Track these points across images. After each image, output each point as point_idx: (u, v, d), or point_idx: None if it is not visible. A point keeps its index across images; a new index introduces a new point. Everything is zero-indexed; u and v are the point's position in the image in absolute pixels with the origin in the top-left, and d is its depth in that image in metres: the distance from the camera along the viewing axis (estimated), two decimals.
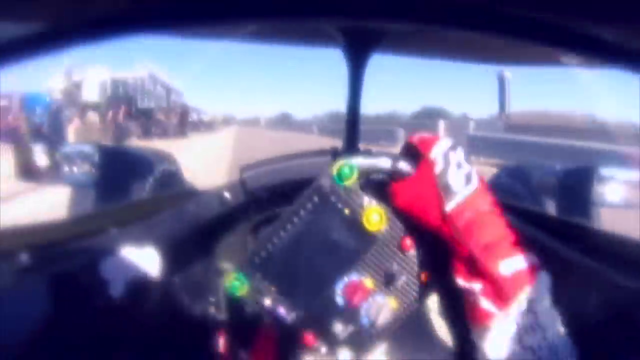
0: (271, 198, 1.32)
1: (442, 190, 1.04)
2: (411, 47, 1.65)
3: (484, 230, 1.03)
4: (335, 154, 1.35)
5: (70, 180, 1.38)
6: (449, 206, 1.03)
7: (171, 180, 1.49)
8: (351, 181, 1.14)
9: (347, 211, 1.15)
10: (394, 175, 1.15)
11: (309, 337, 1.18)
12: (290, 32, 1.52)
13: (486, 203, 1.05)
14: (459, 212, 1.03)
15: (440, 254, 1.16)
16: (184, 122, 21.77)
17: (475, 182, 1.05)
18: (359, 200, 1.15)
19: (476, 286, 1.02)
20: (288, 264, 1.18)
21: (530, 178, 1.51)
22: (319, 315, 1.19)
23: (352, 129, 1.50)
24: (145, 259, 1.08)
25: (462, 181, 1.04)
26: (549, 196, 1.37)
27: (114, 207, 1.31)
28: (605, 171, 1.33)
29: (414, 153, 1.12)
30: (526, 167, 1.83)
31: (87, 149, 1.44)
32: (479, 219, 1.03)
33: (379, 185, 1.18)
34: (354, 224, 1.16)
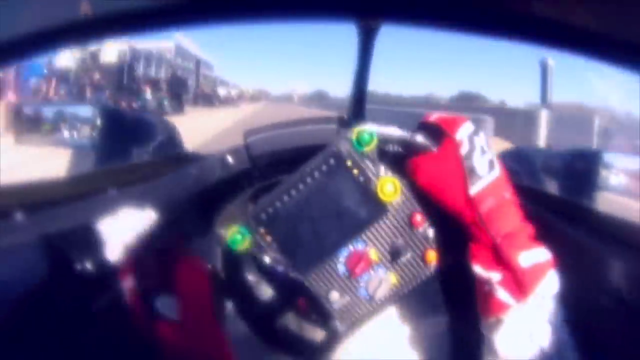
0: (274, 164, 1.37)
1: (467, 172, 1.10)
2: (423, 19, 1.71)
3: (505, 219, 1.09)
4: (341, 123, 1.41)
5: (71, 143, 1.44)
6: (474, 190, 1.09)
7: (174, 148, 1.56)
8: (370, 148, 1.21)
9: (362, 178, 1.23)
10: (413, 149, 1.20)
11: (302, 302, 1.26)
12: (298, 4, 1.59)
13: (508, 192, 1.11)
14: (483, 197, 1.09)
15: (450, 237, 1.23)
16: (178, 94, 18.85)
17: (497, 170, 1.11)
18: (375, 168, 1.23)
19: (495, 276, 1.07)
20: (294, 224, 1.24)
21: (533, 161, 1.57)
22: (318, 280, 1.26)
23: (359, 99, 1.56)
24: (144, 220, 1.13)
25: (487, 166, 1.10)
26: (551, 179, 1.43)
27: (113, 168, 1.36)
28: (609, 157, 1.39)
29: (434, 131, 1.18)
30: (528, 150, 1.90)
31: (87, 110, 1.50)
32: (501, 207, 1.10)
33: (395, 158, 1.24)
34: (367, 192, 1.24)
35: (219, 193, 1.33)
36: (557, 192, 1.42)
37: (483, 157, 1.10)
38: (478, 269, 1.10)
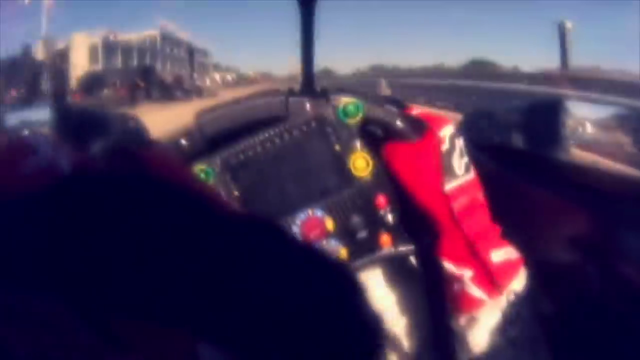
0: (228, 141, 1.41)
1: (444, 169, 1.20)
2: None
3: (476, 218, 1.20)
4: (290, 94, 1.47)
5: None
6: (449, 185, 1.20)
7: (135, 140, 1.62)
8: (353, 121, 1.30)
9: (337, 147, 1.31)
10: (394, 134, 1.29)
11: None
12: None
13: (480, 194, 1.22)
14: (457, 194, 1.20)
15: (412, 227, 1.34)
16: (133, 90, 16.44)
17: (472, 173, 1.22)
18: (353, 142, 1.31)
19: (467, 273, 1.17)
20: (261, 177, 1.32)
21: (496, 117, 1.63)
22: None
23: (308, 69, 1.64)
24: None
25: (463, 168, 1.21)
26: (514, 133, 1.48)
27: None
28: (572, 107, 1.43)
29: (417, 124, 1.28)
30: (490, 108, 1.94)
31: (41, 113, 1.53)
32: (473, 206, 1.20)
33: (374, 137, 1.33)
34: (339, 162, 1.32)
35: None
36: (521, 146, 1.47)
37: (461, 159, 1.21)
38: (449, 266, 1.20)
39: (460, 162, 1.22)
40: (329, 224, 1.33)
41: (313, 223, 1.32)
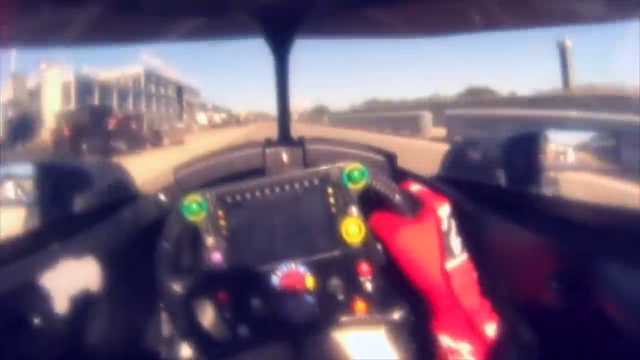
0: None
1: (445, 249, 1.24)
2: (335, 28, 1.82)
3: (472, 295, 1.23)
4: (267, 145, 1.51)
5: (14, 201, 1.50)
6: (450, 264, 1.23)
7: (118, 191, 1.64)
8: (355, 187, 1.33)
9: (333, 209, 1.34)
10: (390, 207, 1.32)
11: (223, 295, 1.33)
12: (211, 27, 1.70)
13: (473, 273, 1.25)
14: (456, 273, 1.23)
15: (398, 296, 1.38)
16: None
17: (465, 253, 1.26)
18: (350, 207, 1.34)
19: (465, 347, 1.21)
20: (253, 220, 1.33)
21: (479, 152, 1.65)
22: (248, 281, 1.34)
23: (284, 118, 1.64)
24: (85, 270, 1.19)
25: (460, 247, 1.25)
26: (498, 167, 1.50)
27: (54, 222, 1.42)
28: (553, 135, 1.45)
29: (414, 200, 1.32)
30: (473, 141, 1.97)
31: (26, 168, 1.56)
32: (469, 284, 1.24)
33: (370, 205, 1.36)
34: (332, 223, 1.34)
35: (157, 231, 1.39)
36: (504, 181, 1.49)
37: (457, 239, 1.26)
38: (445, 339, 1.23)
39: (456, 242, 1.26)
40: (309, 282, 1.35)
41: (294, 277, 1.34)
